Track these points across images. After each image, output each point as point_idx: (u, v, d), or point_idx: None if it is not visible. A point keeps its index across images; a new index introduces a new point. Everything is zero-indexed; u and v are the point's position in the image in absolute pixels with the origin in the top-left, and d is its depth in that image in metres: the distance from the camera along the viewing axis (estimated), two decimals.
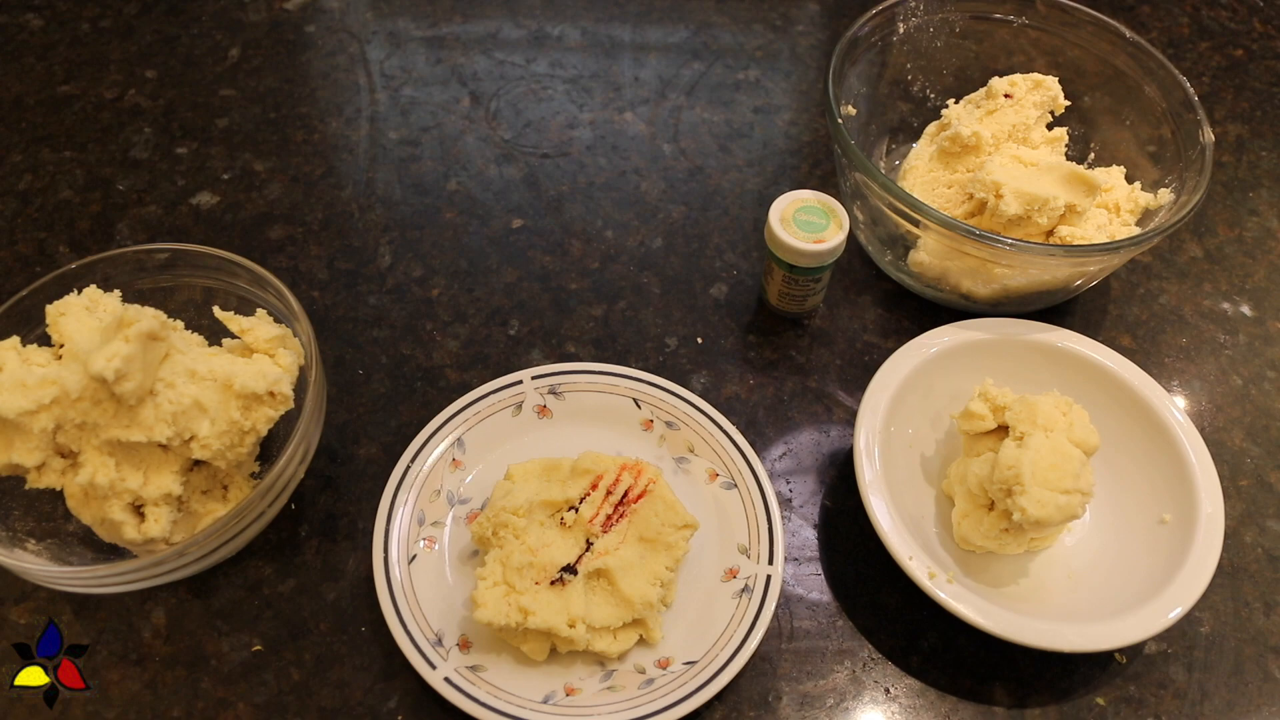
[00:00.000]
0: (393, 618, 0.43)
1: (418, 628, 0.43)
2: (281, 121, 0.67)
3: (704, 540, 0.46)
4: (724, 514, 0.47)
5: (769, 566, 0.44)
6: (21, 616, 0.45)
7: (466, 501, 0.48)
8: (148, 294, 0.49)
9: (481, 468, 0.49)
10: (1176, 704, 0.44)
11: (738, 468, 0.48)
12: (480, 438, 0.49)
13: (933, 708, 0.44)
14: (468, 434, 0.49)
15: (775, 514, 0.46)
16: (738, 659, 0.42)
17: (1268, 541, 0.49)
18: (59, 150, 0.65)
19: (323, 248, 0.60)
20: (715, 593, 0.45)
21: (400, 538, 0.45)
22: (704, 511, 0.47)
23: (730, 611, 0.43)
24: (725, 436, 0.49)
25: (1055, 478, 0.44)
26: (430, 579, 0.45)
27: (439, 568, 0.45)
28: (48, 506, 0.45)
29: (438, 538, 0.46)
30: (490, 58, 0.72)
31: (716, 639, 0.43)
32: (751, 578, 0.44)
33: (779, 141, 0.68)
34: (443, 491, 0.48)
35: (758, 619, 0.43)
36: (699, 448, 0.49)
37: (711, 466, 0.48)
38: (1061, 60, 0.62)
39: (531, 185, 0.64)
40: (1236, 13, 0.78)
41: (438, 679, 0.41)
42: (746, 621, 0.43)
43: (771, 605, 0.43)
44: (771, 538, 0.45)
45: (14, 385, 0.40)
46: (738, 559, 0.45)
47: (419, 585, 0.44)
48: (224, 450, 0.43)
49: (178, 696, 0.43)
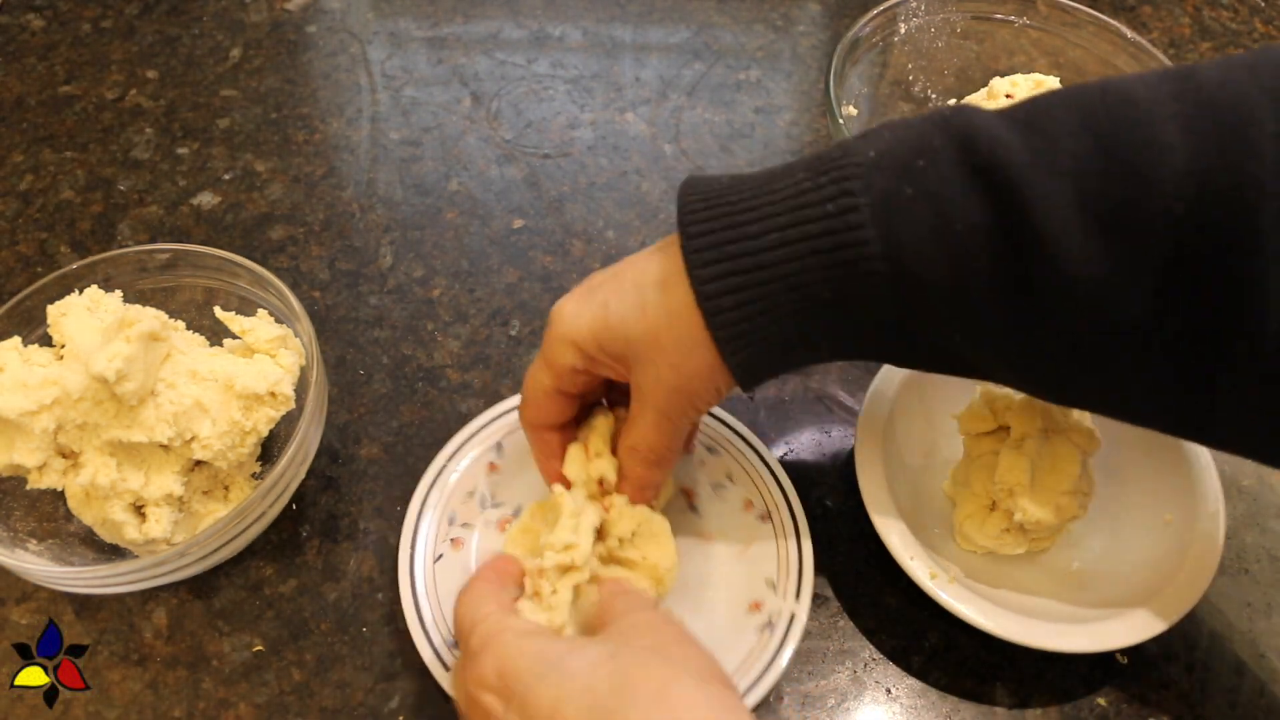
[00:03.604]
0: (414, 620, 0.42)
1: (437, 631, 0.42)
2: (283, 122, 0.67)
3: (732, 568, 0.45)
4: (755, 545, 0.46)
5: (795, 603, 0.43)
6: (23, 617, 0.45)
7: (500, 505, 0.47)
8: (149, 294, 0.49)
9: (517, 473, 0.48)
10: (1178, 705, 0.44)
11: (775, 501, 0.46)
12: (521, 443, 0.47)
13: (934, 708, 0.44)
14: (507, 438, 0.49)
15: (807, 552, 0.45)
16: (753, 694, 0.41)
17: (1269, 542, 0.49)
18: (60, 150, 0.65)
19: (324, 248, 0.60)
20: (739, 623, 0.44)
21: (428, 537, 0.45)
22: (735, 540, 0.46)
23: (750, 645, 0.43)
24: (765, 467, 0.47)
25: (1057, 478, 0.44)
26: (457, 581, 0.44)
27: (466, 569, 0.45)
28: (49, 507, 0.46)
29: (466, 539, 0.46)
30: (491, 58, 0.72)
31: (734, 670, 0.42)
32: (775, 613, 0.43)
33: (780, 142, 0.68)
34: (476, 494, 0.47)
35: (777, 655, 0.42)
36: (737, 475, 0.48)
37: (748, 496, 0.47)
38: (1063, 60, 0.62)
39: (533, 185, 0.64)
40: (1238, 13, 0.78)
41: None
42: (766, 657, 0.42)
43: (793, 644, 0.42)
44: (800, 575, 0.44)
45: (15, 385, 0.40)
46: (763, 592, 0.44)
47: (441, 587, 0.44)
48: (225, 451, 0.43)
49: (179, 696, 0.43)
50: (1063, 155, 0.31)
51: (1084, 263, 0.30)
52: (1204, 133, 0.29)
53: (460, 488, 0.47)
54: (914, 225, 0.32)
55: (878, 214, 0.32)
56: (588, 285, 0.39)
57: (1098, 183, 0.30)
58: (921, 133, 0.33)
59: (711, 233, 0.34)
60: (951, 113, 0.33)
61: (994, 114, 0.33)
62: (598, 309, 0.37)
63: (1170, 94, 0.30)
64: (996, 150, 0.31)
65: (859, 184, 0.32)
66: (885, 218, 0.32)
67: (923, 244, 0.32)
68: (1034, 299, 0.32)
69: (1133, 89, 0.31)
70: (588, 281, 0.39)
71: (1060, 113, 0.32)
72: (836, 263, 0.33)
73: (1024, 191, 0.30)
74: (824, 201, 0.33)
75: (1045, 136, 0.31)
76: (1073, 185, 0.30)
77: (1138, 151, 0.30)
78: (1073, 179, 0.30)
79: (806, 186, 0.33)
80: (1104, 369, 0.33)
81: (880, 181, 0.32)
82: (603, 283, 0.38)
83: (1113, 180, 0.30)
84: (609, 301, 0.37)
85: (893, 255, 0.32)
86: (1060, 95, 0.33)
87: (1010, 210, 0.31)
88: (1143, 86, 0.31)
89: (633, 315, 0.37)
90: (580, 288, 0.39)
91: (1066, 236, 0.30)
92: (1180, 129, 0.30)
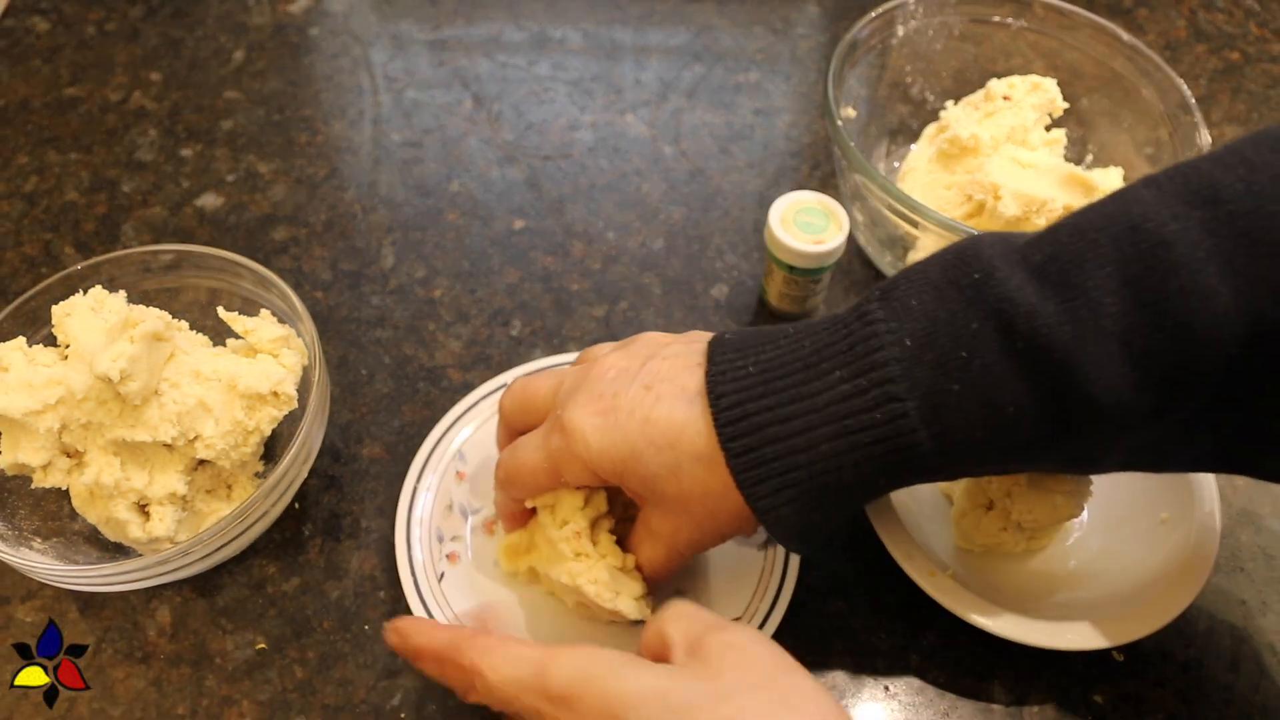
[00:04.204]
0: None
1: None
2: (285, 124, 0.68)
3: None
4: None
5: None
6: (28, 615, 0.46)
7: (479, 511, 0.47)
8: (153, 295, 0.49)
9: (486, 474, 0.48)
10: (1174, 702, 0.44)
11: None
12: (482, 443, 0.49)
13: (931, 705, 0.44)
14: (466, 444, 0.49)
15: None
16: (778, 609, 0.43)
17: (1264, 540, 0.49)
18: (65, 152, 0.65)
19: (326, 249, 0.60)
20: (739, 549, 0.45)
21: (424, 562, 0.45)
22: None
23: (759, 564, 0.45)
24: None
25: (1054, 478, 0.44)
26: (463, 594, 0.44)
27: (470, 581, 0.45)
28: (53, 505, 0.46)
29: (460, 552, 0.46)
30: (492, 60, 0.73)
31: (751, 596, 0.44)
32: None
33: (779, 143, 0.68)
34: (454, 506, 0.47)
35: (787, 567, 0.44)
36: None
37: None
38: (1059, 63, 0.62)
39: (533, 187, 0.65)
40: (1233, 16, 0.78)
41: None
42: (778, 571, 0.44)
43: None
44: None
45: (20, 385, 0.41)
46: None
47: (456, 606, 0.44)
48: (228, 450, 0.43)
49: (183, 694, 0.43)
50: (1105, 318, 0.30)
51: (1139, 415, 0.31)
52: (1246, 273, 0.29)
53: (438, 504, 0.47)
54: (964, 418, 0.32)
55: (926, 415, 0.32)
56: (607, 401, 0.36)
57: (1144, 340, 0.30)
58: (953, 312, 0.32)
59: (753, 449, 0.34)
60: (981, 277, 0.32)
61: (1025, 275, 0.32)
62: (624, 446, 0.36)
63: (1202, 227, 0.30)
64: (1037, 328, 0.31)
65: (903, 386, 0.32)
66: (935, 416, 0.32)
67: (974, 430, 0.32)
68: (1085, 442, 0.33)
69: (1163, 227, 0.30)
70: (602, 384, 0.37)
71: (1093, 267, 0.31)
72: (889, 465, 0.33)
73: (1074, 372, 0.31)
74: (871, 409, 0.32)
75: (1085, 300, 0.31)
76: (1120, 348, 0.30)
77: (1181, 301, 0.30)
78: (1119, 341, 0.30)
79: (848, 391, 0.33)
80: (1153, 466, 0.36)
81: (924, 379, 0.32)
82: (627, 407, 0.36)
83: (1160, 335, 0.30)
84: (637, 447, 0.35)
85: (944, 448, 0.32)
86: (1089, 240, 0.32)
87: (1061, 389, 0.31)
88: (1172, 220, 0.30)
89: (665, 474, 0.35)
90: (596, 399, 0.37)
91: (1119, 397, 0.31)
92: (1220, 269, 0.29)
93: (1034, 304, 0.31)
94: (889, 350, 0.32)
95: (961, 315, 0.32)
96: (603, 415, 0.36)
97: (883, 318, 0.33)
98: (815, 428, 0.33)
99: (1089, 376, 0.30)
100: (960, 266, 0.33)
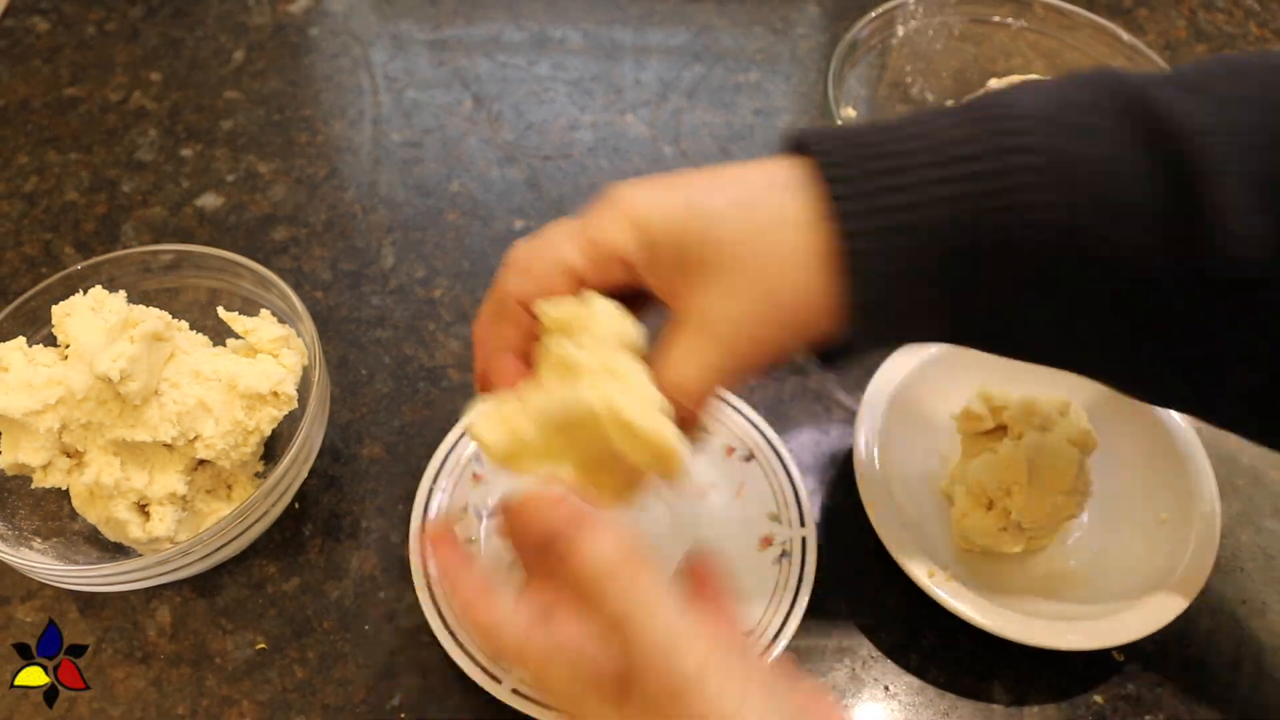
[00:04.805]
0: (448, 640, 0.42)
1: (474, 645, 0.42)
2: (285, 124, 0.68)
3: (730, 514, 0.47)
4: (748, 486, 0.48)
5: (802, 529, 0.46)
6: (28, 615, 0.46)
7: (495, 515, 0.47)
8: (153, 295, 0.49)
9: (504, 478, 0.48)
10: (1174, 702, 0.44)
11: (753, 440, 0.49)
12: None
13: (931, 705, 0.44)
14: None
15: (798, 479, 0.47)
16: (791, 623, 0.43)
17: (1264, 540, 0.49)
18: (65, 152, 0.65)
19: (326, 249, 0.60)
20: (753, 562, 0.45)
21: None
22: (726, 488, 0.48)
23: (774, 579, 0.44)
24: (735, 411, 0.50)
25: (1054, 477, 0.44)
26: None
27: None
28: (53, 505, 0.46)
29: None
30: (492, 60, 0.73)
31: (765, 607, 0.43)
32: (788, 542, 0.45)
33: (779, 144, 0.68)
34: (469, 508, 0.47)
35: (801, 581, 0.44)
36: (711, 424, 0.49)
37: (727, 442, 0.49)
38: (1059, 63, 0.62)
39: (533, 187, 0.65)
40: (1233, 16, 0.78)
41: (505, 691, 0.41)
42: (792, 586, 0.44)
43: (812, 566, 0.45)
44: (799, 501, 0.46)
45: (20, 385, 0.41)
46: (770, 526, 0.46)
47: None
48: (228, 450, 0.43)
49: (183, 694, 0.43)
50: (1247, 133, 0.28)
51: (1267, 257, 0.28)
52: None
53: (453, 507, 0.47)
54: (1090, 189, 0.28)
55: (1057, 172, 0.28)
56: (659, 179, 0.32)
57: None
58: (1089, 98, 0.29)
59: (854, 179, 0.29)
60: (1116, 81, 0.30)
61: (1159, 78, 0.29)
62: (679, 196, 0.31)
63: None
64: (1175, 115, 0.28)
65: (1034, 139, 0.28)
66: (1065, 176, 0.28)
67: (1099, 212, 0.28)
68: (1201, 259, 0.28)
69: None
70: (656, 178, 0.32)
71: (1246, 90, 0.29)
72: (997, 234, 0.28)
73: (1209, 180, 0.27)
74: (994, 155, 0.28)
75: (1222, 104, 0.28)
76: (1257, 159, 0.28)
77: None
78: (1258, 153, 0.28)
79: (965, 135, 0.29)
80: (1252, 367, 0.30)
81: (1056, 139, 0.28)
82: (684, 180, 0.31)
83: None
84: (694, 196, 0.31)
85: (1068, 220, 0.28)
86: (1237, 70, 0.30)
87: (1188, 179, 0.28)
88: None
89: (731, 211, 0.30)
90: (646, 179, 0.32)
91: (1247, 220, 0.27)
92: None
93: (1172, 96, 0.28)
94: (1020, 108, 0.29)
95: (1093, 99, 0.29)
96: (650, 183, 0.32)
97: (1006, 95, 0.30)
98: (926, 166, 0.28)
99: (1226, 187, 0.27)
100: (1090, 76, 0.30)
